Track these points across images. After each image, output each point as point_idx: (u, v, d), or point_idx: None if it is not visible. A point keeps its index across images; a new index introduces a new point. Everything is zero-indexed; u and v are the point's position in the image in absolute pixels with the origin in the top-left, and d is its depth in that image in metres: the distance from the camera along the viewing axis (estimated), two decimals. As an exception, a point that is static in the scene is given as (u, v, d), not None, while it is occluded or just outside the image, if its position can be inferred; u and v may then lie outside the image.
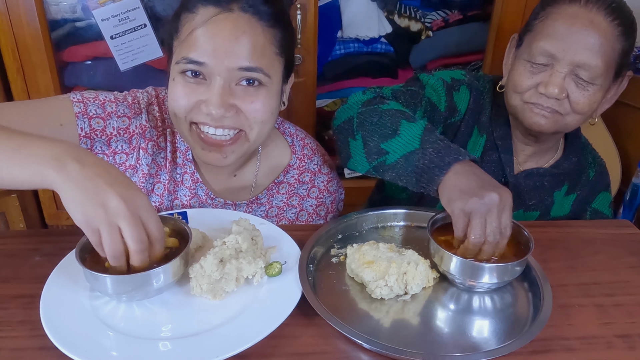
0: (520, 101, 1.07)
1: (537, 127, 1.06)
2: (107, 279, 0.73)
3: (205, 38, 0.90)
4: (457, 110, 1.17)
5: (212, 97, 0.91)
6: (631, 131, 2.35)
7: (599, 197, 1.27)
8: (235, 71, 0.91)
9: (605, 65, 1.00)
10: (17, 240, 0.97)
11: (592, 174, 1.25)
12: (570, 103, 1.02)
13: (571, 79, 1.01)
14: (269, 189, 1.13)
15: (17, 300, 0.79)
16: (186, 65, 0.91)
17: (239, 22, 0.91)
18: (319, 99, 2.17)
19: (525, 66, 1.04)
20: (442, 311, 0.81)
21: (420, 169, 0.91)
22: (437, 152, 0.90)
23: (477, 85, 1.19)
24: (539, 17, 1.05)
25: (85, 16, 1.86)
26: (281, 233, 0.93)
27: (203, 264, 0.78)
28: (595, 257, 0.96)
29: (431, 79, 1.16)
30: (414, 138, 0.94)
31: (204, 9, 0.91)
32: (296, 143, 1.16)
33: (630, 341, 0.76)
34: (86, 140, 0.98)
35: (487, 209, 0.81)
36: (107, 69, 1.90)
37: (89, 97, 0.99)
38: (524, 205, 1.20)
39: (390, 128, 0.97)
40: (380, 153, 0.97)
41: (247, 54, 0.91)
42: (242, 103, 0.94)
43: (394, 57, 2.23)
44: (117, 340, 0.71)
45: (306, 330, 0.76)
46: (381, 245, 0.88)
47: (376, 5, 2.15)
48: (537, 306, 0.80)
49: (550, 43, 1.00)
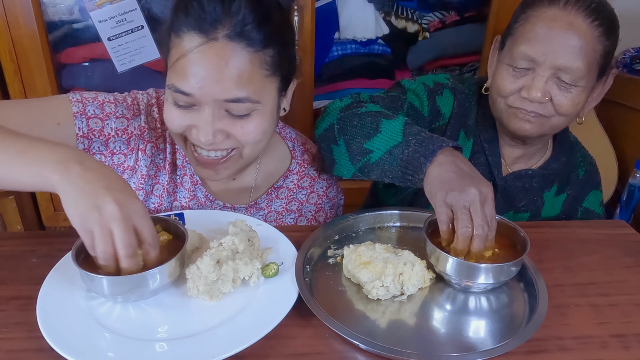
0: (505, 105, 1.07)
1: (522, 132, 1.06)
2: (103, 280, 0.73)
3: (190, 69, 0.88)
4: (441, 114, 1.16)
5: (202, 125, 0.91)
6: (628, 132, 2.36)
7: (589, 196, 1.26)
8: (222, 102, 0.90)
9: (587, 67, 0.99)
10: (14, 241, 0.97)
11: (581, 173, 1.25)
12: (554, 106, 1.02)
13: (553, 82, 1.01)
14: (268, 193, 1.13)
15: (13, 302, 0.79)
16: (175, 94, 0.90)
17: (224, 52, 0.87)
18: (317, 100, 2.17)
19: (508, 70, 1.04)
20: (438, 311, 0.81)
21: (405, 161, 0.91)
22: (420, 143, 0.91)
23: (461, 89, 1.18)
24: (519, 20, 1.04)
25: (83, 18, 1.86)
26: (278, 234, 0.93)
27: (200, 265, 0.78)
28: (590, 258, 0.97)
29: (413, 84, 1.16)
30: (395, 133, 0.94)
31: (189, 36, 0.88)
32: (297, 148, 1.16)
33: (626, 341, 0.77)
34: (84, 140, 0.98)
35: (467, 202, 0.81)
36: (105, 70, 1.90)
37: (88, 97, 0.99)
38: (514, 207, 1.20)
39: (371, 127, 0.98)
40: (364, 153, 0.97)
41: (233, 84, 0.88)
42: (233, 128, 0.92)
43: (391, 58, 2.24)
44: (113, 341, 0.71)
45: (303, 331, 0.76)
46: (377, 246, 0.88)
47: (373, 6, 2.15)
48: (533, 306, 0.81)
49: (530, 47, 1.00)
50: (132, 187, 1.05)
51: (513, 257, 0.83)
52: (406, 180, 0.92)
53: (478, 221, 0.81)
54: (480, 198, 0.81)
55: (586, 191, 1.26)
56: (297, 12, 1.84)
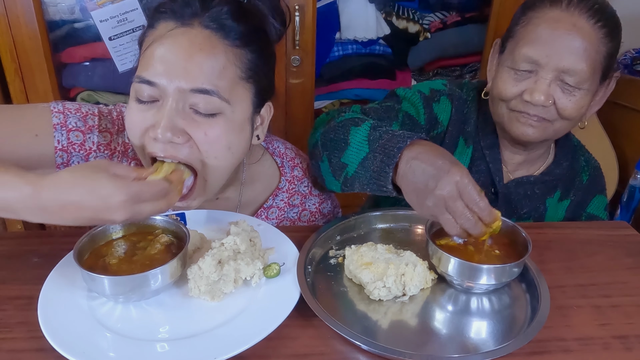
0: (507, 109, 1.04)
1: (525, 137, 1.04)
2: (105, 280, 0.73)
3: (158, 55, 0.82)
4: (439, 121, 1.13)
5: (160, 119, 0.82)
6: (628, 133, 2.36)
7: (594, 201, 1.24)
8: (187, 93, 0.83)
9: (591, 69, 0.97)
10: (15, 241, 0.97)
11: (585, 178, 1.22)
12: (557, 109, 1.00)
13: (557, 85, 0.99)
14: (258, 214, 1.09)
15: (14, 302, 0.79)
16: (139, 84, 0.84)
17: (197, 39, 0.83)
18: (317, 100, 2.18)
19: (509, 73, 1.02)
20: (440, 312, 0.81)
21: (377, 172, 0.85)
22: (383, 149, 0.85)
23: (459, 94, 1.15)
24: (520, 22, 1.03)
25: (84, 17, 1.86)
26: (279, 234, 0.93)
27: (201, 265, 0.78)
28: (592, 259, 0.97)
29: (408, 92, 1.13)
30: (361, 143, 0.90)
31: (164, 23, 0.85)
32: (285, 164, 1.11)
33: (628, 342, 0.76)
34: (62, 154, 0.93)
35: (441, 205, 0.77)
36: (106, 70, 1.90)
37: (70, 108, 0.94)
38: (516, 214, 1.18)
39: (343, 140, 0.93)
40: (342, 167, 0.93)
41: (202, 74, 0.82)
42: (195, 130, 0.84)
43: (392, 58, 2.24)
44: (115, 341, 0.71)
45: (304, 331, 0.76)
46: (379, 246, 0.88)
47: (374, 7, 2.16)
48: (535, 307, 0.80)
49: (533, 49, 0.98)
50: None
51: (515, 258, 0.83)
52: (384, 192, 0.87)
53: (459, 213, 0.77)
54: (450, 194, 0.76)
55: (590, 196, 1.23)
56: (298, 12, 1.84)
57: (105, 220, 0.71)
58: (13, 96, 1.83)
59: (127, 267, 0.77)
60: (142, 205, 0.72)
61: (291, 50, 1.89)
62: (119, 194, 0.69)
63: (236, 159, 0.92)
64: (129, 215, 0.70)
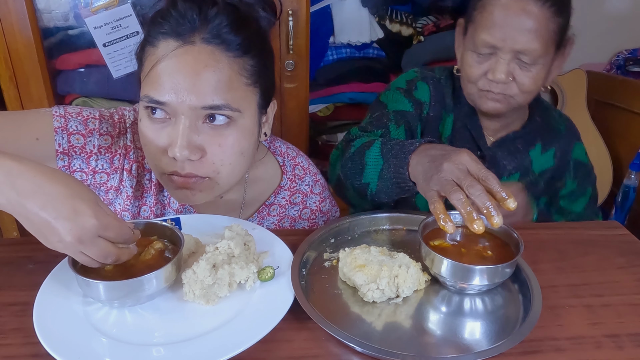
0: (476, 89, 1.17)
1: (494, 110, 1.17)
2: (100, 285, 0.73)
3: (165, 75, 0.84)
4: (423, 103, 1.25)
5: (176, 137, 0.85)
6: (622, 133, 2.38)
7: (575, 148, 1.35)
8: (199, 110, 0.85)
9: (544, 46, 1.08)
10: (10, 248, 0.97)
11: (562, 127, 1.34)
12: (517, 85, 1.12)
13: (515, 63, 1.11)
14: (260, 211, 1.10)
15: (10, 308, 0.80)
16: (149, 104, 0.86)
17: (201, 56, 0.84)
18: (312, 104, 2.18)
19: (473, 56, 1.14)
20: (433, 313, 0.82)
21: (395, 177, 0.95)
22: (395, 156, 0.95)
23: (432, 75, 1.27)
24: (477, 7, 1.13)
25: (78, 24, 1.86)
26: (274, 238, 0.94)
27: (196, 270, 0.78)
28: (584, 258, 0.97)
29: (389, 94, 1.26)
30: (376, 159, 1.00)
31: (164, 42, 0.86)
32: (287, 163, 1.13)
33: (619, 341, 0.77)
34: (63, 156, 0.94)
35: (449, 177, 0.81)
36: (100, 76, 1.90)
37: (72, 112, 0.95)
38: (505, 171, 1.28)
39: (360, 164, 1.04)
40: (365, 187, 1.04)
41: (211, 90, 0.84)
42: (209, 145, 0.88)
43: (385, 62, 2.25)
44: (110, 346, 0.71)
45: (299, 334, 0.76)
46: (373, 249, 0.89)
47: (367, 11, 2.17)
48: (527, 307, 0.81)
49: (489, 35, 1.09)
50: (117, 208, 1.04)
51: (507, 258, 0.84)
52: (406, 191, 0.97)
53: (469, 183, 0.79)
54: (458, 166, 0.81)
55: (571, 144, 1.35)
56: (291, 17, 1.84)
57: (55, 235, 0.66)
58: (8, 103, 1.83)
59: (121, 272, 0.77)
60: (99, 240, 0.69)
61: (285, 55, 1.90)
62: (91, 215, 0.67)
63: (248, 162, 0.96)
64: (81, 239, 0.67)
